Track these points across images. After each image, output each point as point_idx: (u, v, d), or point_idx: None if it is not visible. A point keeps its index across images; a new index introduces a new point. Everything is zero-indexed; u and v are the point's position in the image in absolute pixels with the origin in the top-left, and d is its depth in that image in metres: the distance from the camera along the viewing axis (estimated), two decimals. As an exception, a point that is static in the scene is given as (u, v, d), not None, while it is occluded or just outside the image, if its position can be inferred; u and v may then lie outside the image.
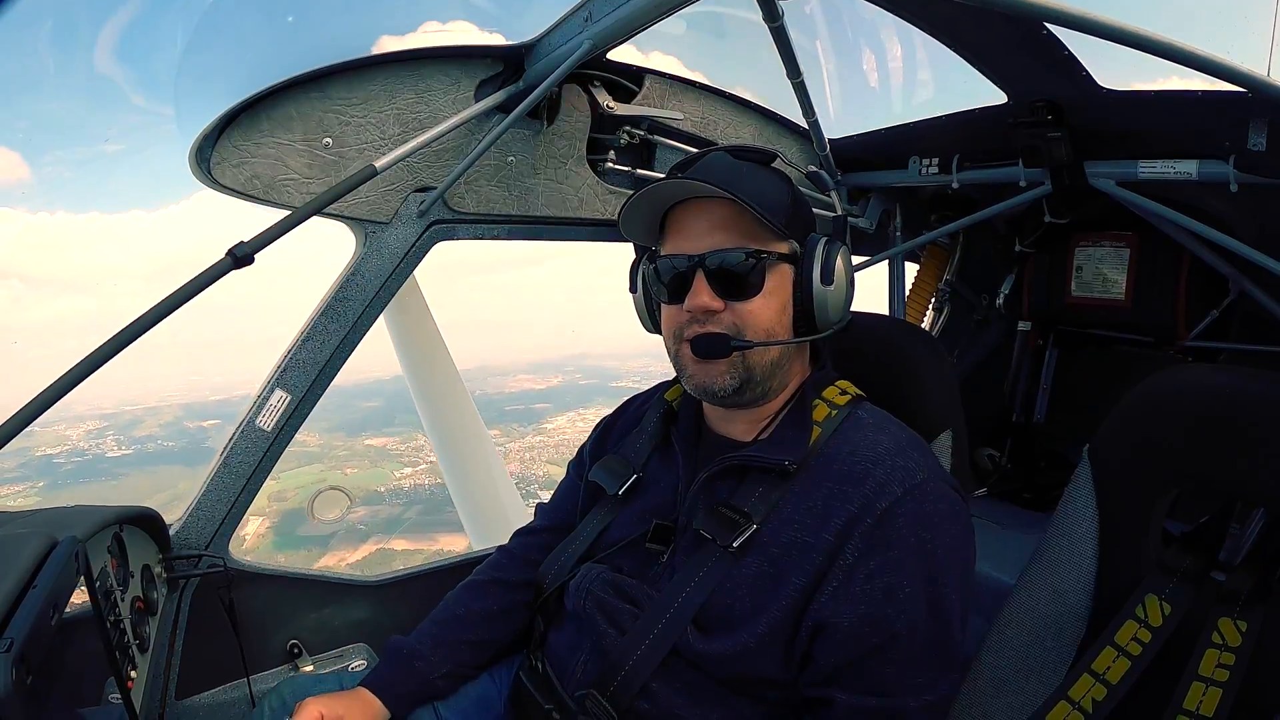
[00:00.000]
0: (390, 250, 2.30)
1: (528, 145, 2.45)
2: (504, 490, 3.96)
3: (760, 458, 1.45)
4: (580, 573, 1.60)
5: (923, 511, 1.34)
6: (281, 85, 2.05)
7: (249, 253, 1.73)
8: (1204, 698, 1.26)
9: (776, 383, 1.51)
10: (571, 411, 41.77)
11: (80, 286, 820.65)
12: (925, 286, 3.63)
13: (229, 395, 46.89)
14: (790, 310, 1.48)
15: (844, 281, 1.50)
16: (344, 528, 32.04)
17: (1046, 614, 1.54)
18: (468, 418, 3.95)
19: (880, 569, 1.31)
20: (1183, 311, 2.88)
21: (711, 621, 1.40)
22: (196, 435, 43.67)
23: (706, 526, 1.44)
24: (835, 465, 1.41)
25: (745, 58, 2.85)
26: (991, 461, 3.54)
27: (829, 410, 1.50)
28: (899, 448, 1.42)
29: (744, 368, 1.46)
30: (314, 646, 2.45)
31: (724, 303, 1.45)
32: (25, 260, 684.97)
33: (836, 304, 1.49)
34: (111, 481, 37.84)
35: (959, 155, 2.73)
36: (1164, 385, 1.53)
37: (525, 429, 42.94)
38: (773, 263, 1.45)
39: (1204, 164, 2.12)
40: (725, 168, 1.51)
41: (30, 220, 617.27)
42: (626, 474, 1.68)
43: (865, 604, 1.31)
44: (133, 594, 1.65)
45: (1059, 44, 2.01)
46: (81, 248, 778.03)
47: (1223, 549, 1.42)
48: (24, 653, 0.92)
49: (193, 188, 1.95)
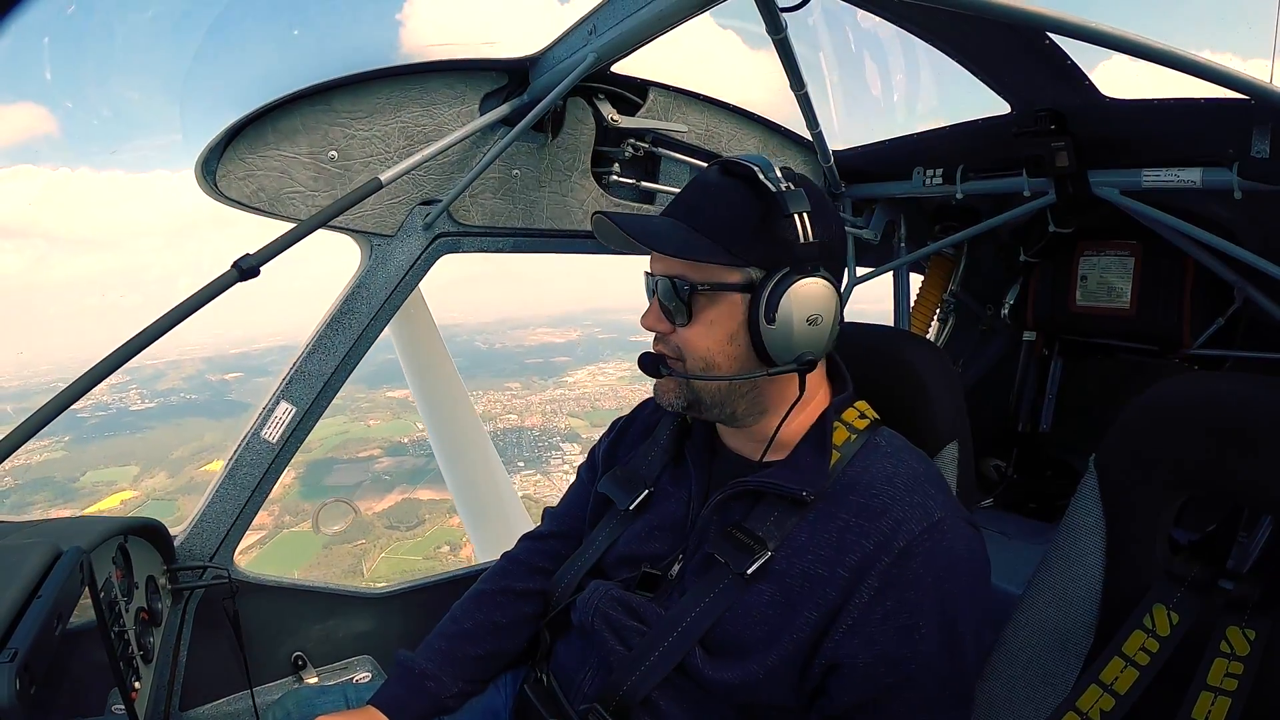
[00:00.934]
0: (395, 263, 2.30)
1: (532, 158, 2.46)
2: (509, 502, 3.96)
3: (777, 485, 1.42)
4: (589, 588, 1.59)
5: (940, 550, 1.32)
6: (287, 98, 2.06)
7: (255, 265, 1.74)
8: (1213, 707, 1.25)
9: (746, 407, 1.48)
10: (591, 365, 41.54)
11: (103, 244, 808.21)
12: (930, 297, 3.63)
13: (249, 349, 46.96)
14: (743, 340, 1.42)
15: (793, 319, 1.36)
16: (369, 479, 32.20)
17: (1053, 624, 1.53)
18: (473, 430, 3.96)
19: (897, 609, 1.30)
20: (1188, 319, 2.88)
21: (721, 647, 1.39)
22: (219, 388, 43.60)
23: (719, 550, 1.42)
24: (853, 496, 1.39)
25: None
26: (997, 472, 3.53)
27: (848, 434, 1.48)
28: (916, 482, 1.40)
29: (689, 391, 1.46)
30: (318, 658, 2.45)
31: (670, 325, 1.45)
32: (49, 218, 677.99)
33: (783, 342, 1.37)
34: (137, 434, 37.77)
35: (963, 166, 2.73)
36: (1170, 393, 1.52)
37: (546, 382, 42.80)
38: (709, 293, 1.41)
39: (1208, 171, 2.12)
40: (698, 188, 1.48)
41: (52, 177, 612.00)
42: (638, 489, 1.66)
43: (881, 643, 1.29)
44: (137, 605, 1.65)
45: (1061, 53, 2.02)
46: (105, 206, 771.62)
47: (1230, 557, 1.41)
48: (28, 662, 0.92)
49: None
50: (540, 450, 36.00)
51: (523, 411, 39.22)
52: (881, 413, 1.57)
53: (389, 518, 29.96)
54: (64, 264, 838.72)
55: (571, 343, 47.43)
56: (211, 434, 38.55)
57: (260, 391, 2.31)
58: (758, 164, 1.39)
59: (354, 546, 28.52)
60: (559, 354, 46.48)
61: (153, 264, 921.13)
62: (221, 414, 40.25)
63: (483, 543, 3.83)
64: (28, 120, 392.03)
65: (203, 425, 39.97)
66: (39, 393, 40.80)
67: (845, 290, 3.29)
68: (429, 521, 28.19)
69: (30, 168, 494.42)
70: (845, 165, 3.04)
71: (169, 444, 38.18)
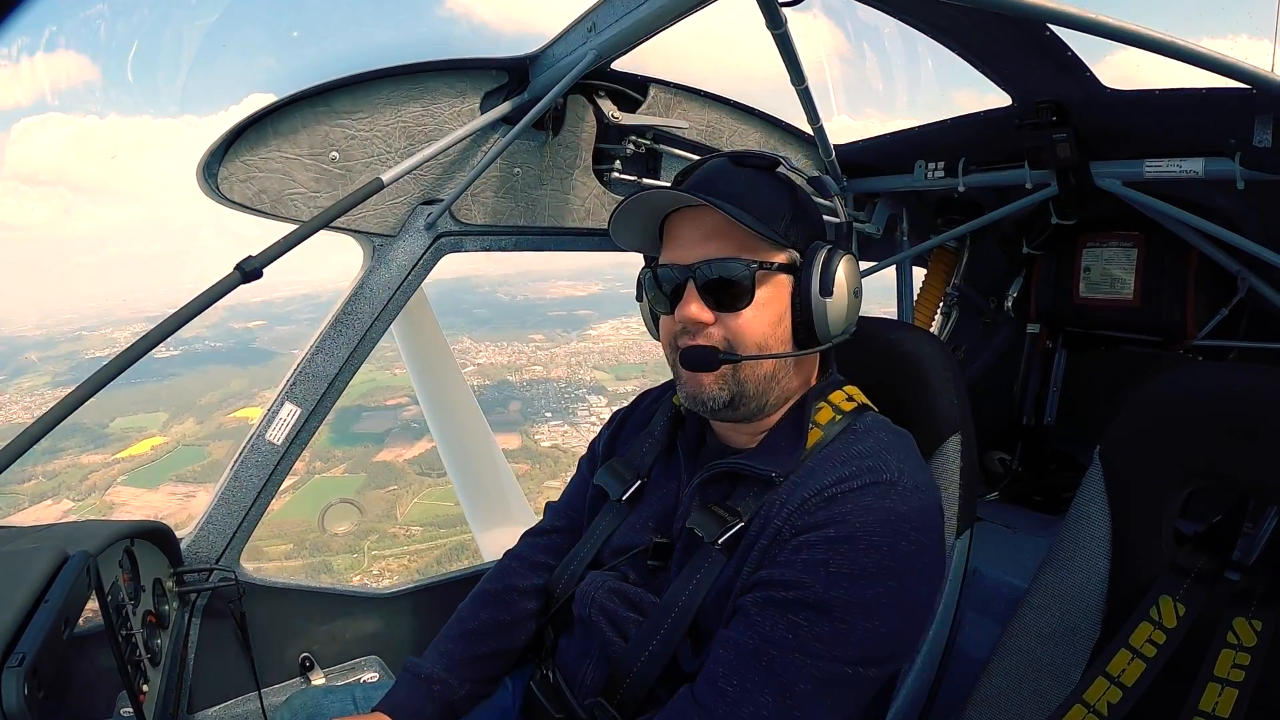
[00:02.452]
0: (398, 263, 2.31)
1: (534, 156, 2.46)
2: (514, 502, 3.95)
3: (748, 466, 1.44)
4: (587, 580, 1.60)
5: (878, 507, 1.30)
6: (287, 100, 2.06)
7: (257, 267, 1.75)
8: (1220, 698, 1.26)
9: (774, 397, 1.48)
10: (615, 319, 41.59)
11: (130, 196, 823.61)
12: (933, 291, 3.62)
13: (270, 296, 47.11)
14: (788, 322, 1.45)
15: (846, 292, 1.44)
16: (398, 426, 32.56)
17: (1060, 617, 1.53)
18: (478, 429, 3.95)
19: (811, 542, 1.29)
20: (1191, 310, 2.87)
21: (705, 635, 1.39)
22: (244, 336, 43.77)
23: (699, 525, 1.43)
24: (817, 479, 1.37)
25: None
26: (1002, 465, 3.52)
27: (833, 414, 1.48)
28: (877, 450, 1.39)
29: (735, 381, 1.44)
30: (326, 659, 2.45)
31: (714, 315, 1.43)
32: (75, 168, 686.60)
33: (837, 316, 1.44)
34: (163, 381, 37.88)
35: (965, 159, 2.73)
36: (1174, 384, 1.52)
37: (570, 335, 42.98)
38: (766, 273, 1.42)
39: (1210, 161, 2.11)
40: (723, 175, 1.48)
41: (81, 124, 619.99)
42: (630, 480, 1.68)
43: (785, 567, 1.30)
44: (144, 608, 1.65)
45: (1062, 45, 2.01)
46: (133, 153, 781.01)
47: (1236, 548, 1.41)
48: (36, 666, 0.92)
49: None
50: (566, 402, 36.34)
51: (548, 363, 39.57)
52: (883, 405, 1.57)
53: (419, 464, 30.32)
54: (90, 215, 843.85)
55: (594, 296, 47.60)
56: (238, 381, 38.94)
57: (284, 340, 2.33)
58: (776, 156, 1.49)
59: (386, 492, 29.04)
60: (582, 307, 46.62)
61: (178, 215, 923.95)
62: (247, 361, 40.53)
63: (488, 542, 3.83)
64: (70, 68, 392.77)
65: (229, 372, 40.36)
66: (62, 340, 40.84)
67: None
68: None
69: (60, 115, 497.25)
70: (847, 159, 3.03)
71: (195, 391, 38.57)
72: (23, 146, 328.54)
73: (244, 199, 2.06)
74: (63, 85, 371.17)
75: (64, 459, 30.91)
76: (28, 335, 46.34)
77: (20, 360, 41.60)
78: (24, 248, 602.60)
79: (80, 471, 31.52)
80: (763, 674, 1.24)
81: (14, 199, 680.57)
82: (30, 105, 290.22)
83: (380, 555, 25.85)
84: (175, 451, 34.24)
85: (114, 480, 31.55)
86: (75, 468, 31.49)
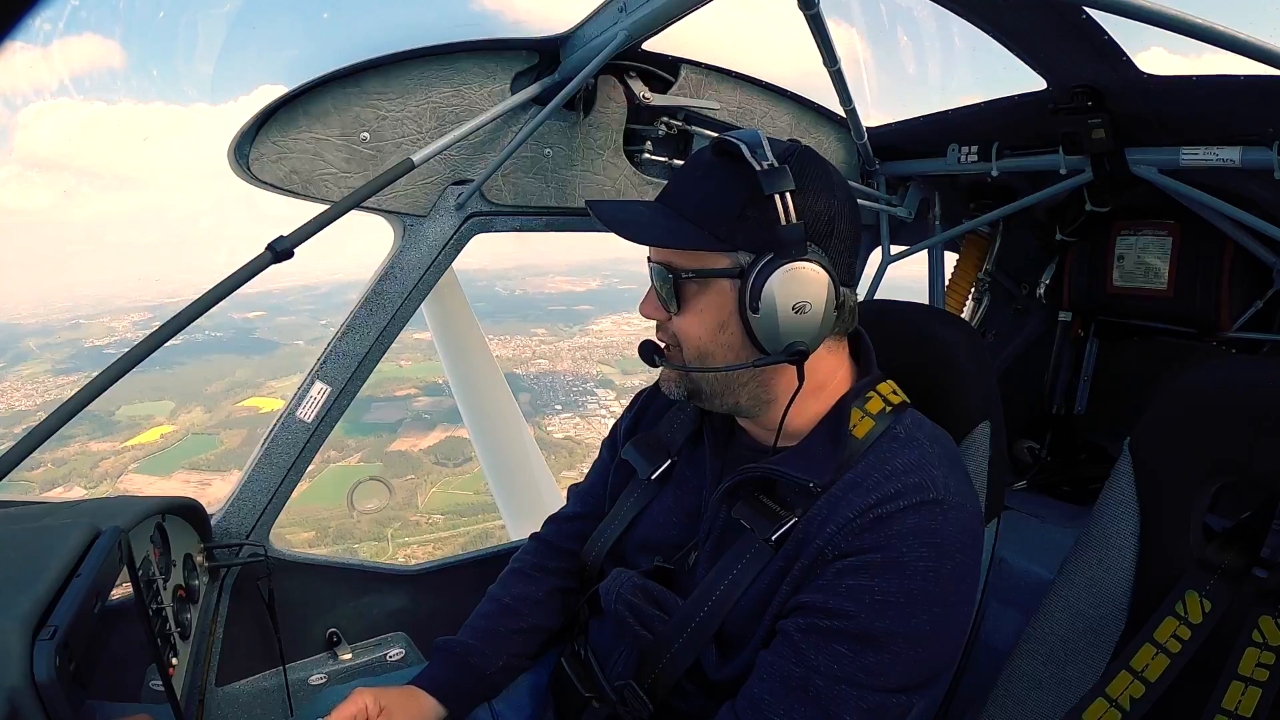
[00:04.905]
0: (428, 243, 2.32)
1: (564, 137, 2.46)
2: (543, 481, 3.98)
3: (785, 473, 1.38)
4: (612, 576, 1.59)
5: (923, 528, 1.26)
6: (318, 81, 2.07)
7: (289, 247, 1.77)
8: (1243, 697, 1.25)
9: (747, 399, 1.44)
10: (615, 315, 41.77)
11: (135, 183, 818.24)
12: (965, 276, 3.59)
13: (269, 288, 47.80)
14: (735, 329, 1.36)
15: (776, 307, 1.29)
16: (410, 416, 32.94)
17: (1085, 609, 1.53)
18: (507, 409, 3.97)
19: (855, 567, 1.26)
20: (1226, 302, 2.83)
21: (732, 642, 1.39)
22: (244, 326, 44.26)
23: (746, 517, 1.40)
24: (855, 495, 1.32)
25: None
26: (1031, 453, 3.50)
27: (870, 424, 1.40)
28: (922, 464, 1.33)
29: (689, 381, 1.44)
30: (352, 635, 2.48)
31: (666, 314, 1.43)
32: (82, 153, 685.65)
33: (770, 332, 1.31)
34: (168, 370, 38.37)
35: (998, 143, 2.70)
36: (1206, 377, 1.51)
37: (572, 329, 43.21)
38: (696, 281, 1.37)
39: (1247, 151, 2.07)
40: (694, 167, 1.45)
41: (90, 110, 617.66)
42: (660, 458, 1.66)
43: (825, 594, 1.27)
44: (174, 582, 1.68)
45: (1098, 28, 1.97)
46: (144, 140, 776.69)
47: (1265, 546, 1.39)
48: (67, 640, 0.94)
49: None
50: (575, 395, 36.48)
51: (553, 357, 39.67)
52: (911, 392, 1.52)
53: (435, 454, 30.60)
54: (92, 201, 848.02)
55: (592, 291, 47.73)
56: (243, 370, 39.23)
57: (285, 330, 2.35)
58: (746, 140, 1.31)
59: (405, 481, 29.14)
60: (581, 302, 46.79)
61: (178, 203, 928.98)
62: (250, 351, 41.00)
63: (516, 521, 3.86)
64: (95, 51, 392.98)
65: (233, 361, 40.86)
66: (60, 329, 41.55)
67: (879, 268, 3.28)
68: (475, 459, 28.47)
69: (70, 100, 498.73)
70: (879, 142, 3.00)
71: (200, 380, 39.05)
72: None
73: (275, 180, 2.08)
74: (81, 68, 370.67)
75: (73, 446, 31.31)
76: (25, 323, 47.16)
77: (21, 346, 42.51)
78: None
79: (90, 459, 31.91)
80: (808, 703, 1.22)
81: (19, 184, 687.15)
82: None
83: (405, 543, 26.13)
84: (186, 440, 34.64)
85: (125, 468, 31.94)
86: (85, 455, 31.87)
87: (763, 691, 1.27)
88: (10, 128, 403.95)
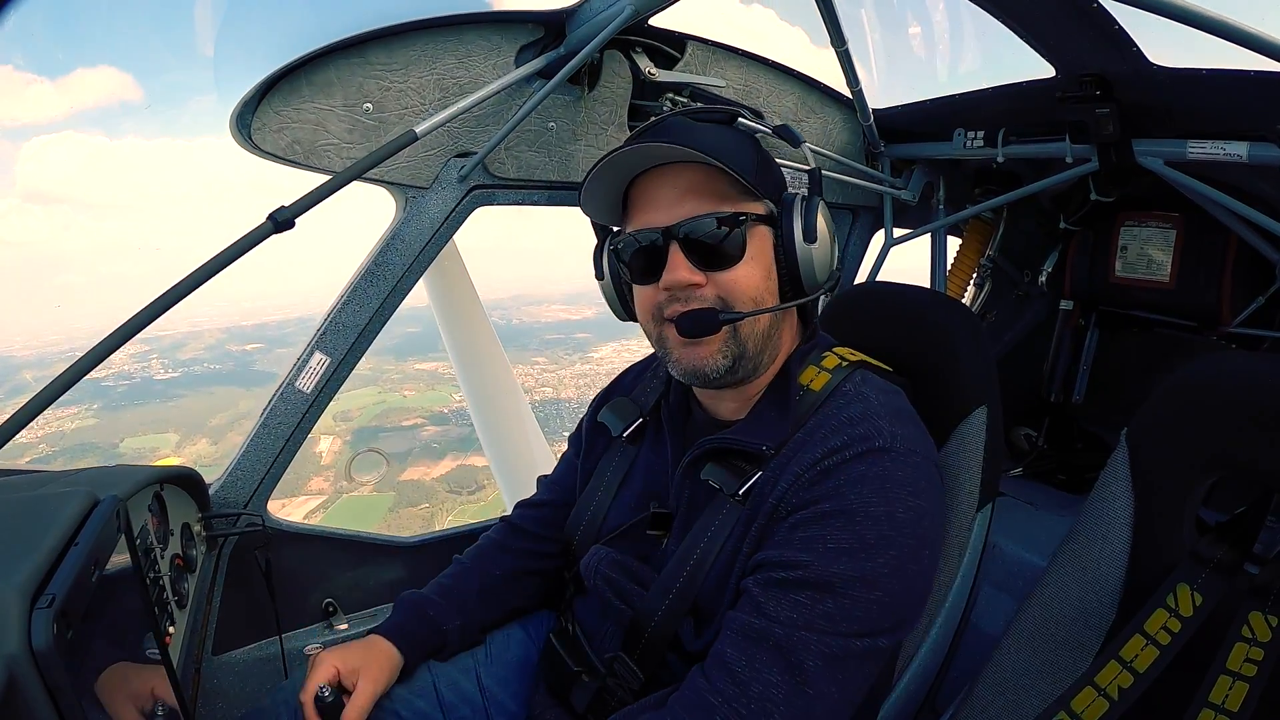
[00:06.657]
0: (430, 215, 2.31)
1: (568, 111, 2.45)
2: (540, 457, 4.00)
3: (738, 440, 1.42)
4: (590, 553, 1.61)
5: (870, 475, 1.29)
6: (322, 51, 2.05)
7: (289, 217, 1.76)
8: (1230, 692, 1.25)
9: (767, 356, 1.47)
10: (615, 342, 41.97)
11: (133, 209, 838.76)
12: (967, 261, 3.58)
13: (265, 320, 47.85)
14: (775, 274, 1.42)
15: (828, 238, 1.43)
16: (419, 446, 33.04)
17: (1076, 598, 1.53)
18: (506, 385, 3.98)
19: (806, 520, 1.29)
20: (1228, 296, 2.83)
21: (707, 615, 1.41)
22: (242, 358, 44.32)
23: (714, 477, 1.43)
24: (812, 447, 1.35)
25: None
26: (1028, 441, 3.51)
27: (819, 376, 1.45)
28: (866, 415, 1.36)
29: (736, 343, 1.40)
30: (348, 605, 2.50)
31: (705, 275, 1.38)
32: (84, 186, 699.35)
33: (822, 262, 1.42)
34: (169, 402, 38.50)
35: (1004, 129, 2.68)
36: (1205, 371, 1.50)
37: (572, 357, 43.46)
38: (751, 225, 1.39)
39: (1255, 146, 2.05)
40: (684, 130, 1.41)
41: (100, 145, 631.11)
42: (633, 416, 1.70)
43: (781, 549, 1.30)
44: (172, 551, 1.68)
45: (1109, 17, 1.96)
46: (147, 172, 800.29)
47: (1258, 541, 1.40)
48: (65, 608, 0.94)
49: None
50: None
51: (556, 385, 39.78)
52: (908, 374, 1.56)
53: (448, 483, 30.69)
54: (87, 230, 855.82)
55: (587, 320, 47.88)
56: (246, 402, 39.31)
57: (283, 362, 2.34)
58: (733, 109, 1.47)
59: (420, 510, 29.48)
60: (578, 330, 46.96)
61: (161, 229, 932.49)
62: (251, 383, 41.01)
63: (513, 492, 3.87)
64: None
65: (235, 394, 40.94)
66: (57, 361, 41.54)
67: (882, 250, 3.27)
68: (489, 486, 28.65)
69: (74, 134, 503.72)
70: (885, 124, 2.99)
71: (203, 411, 39.09)
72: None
73: (277, 149, 2.07)
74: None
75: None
76: (18, 355, 46.77)
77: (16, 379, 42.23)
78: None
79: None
80: (771, 653, 1.24)
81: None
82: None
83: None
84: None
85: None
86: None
87: (727, 646, 1.29)
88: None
